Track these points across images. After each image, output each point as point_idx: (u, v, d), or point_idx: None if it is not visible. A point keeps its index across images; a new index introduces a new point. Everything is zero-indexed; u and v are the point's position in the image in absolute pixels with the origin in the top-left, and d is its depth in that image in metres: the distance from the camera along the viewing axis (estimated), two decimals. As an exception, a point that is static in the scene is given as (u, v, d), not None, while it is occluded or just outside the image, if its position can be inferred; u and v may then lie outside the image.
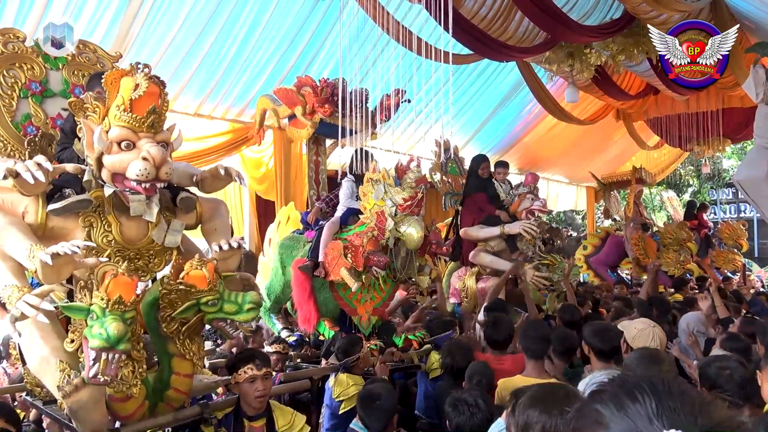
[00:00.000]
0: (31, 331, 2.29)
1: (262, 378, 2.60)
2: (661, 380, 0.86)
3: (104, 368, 1.97)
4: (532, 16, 6.71)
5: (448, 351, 3.43)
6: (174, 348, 2.36)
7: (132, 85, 2.33)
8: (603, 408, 0.85)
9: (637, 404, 0.82)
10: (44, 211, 2.44)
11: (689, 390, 0.85)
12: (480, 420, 2.34)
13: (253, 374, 2.58)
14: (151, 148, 2.30)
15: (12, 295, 2.23)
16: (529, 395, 1.55)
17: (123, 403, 2.29)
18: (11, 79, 2.97)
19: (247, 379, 2.59)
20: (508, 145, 11.93)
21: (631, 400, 0.83)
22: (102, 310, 2.01)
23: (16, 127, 2.98)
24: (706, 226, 11.62)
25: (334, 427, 3.42)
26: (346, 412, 3.30)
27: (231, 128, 7.58)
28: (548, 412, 1.47)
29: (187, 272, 2.29)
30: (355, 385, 3.37)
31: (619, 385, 0.88)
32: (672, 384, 0.85)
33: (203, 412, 2.57)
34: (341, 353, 3.56)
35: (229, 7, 6.35)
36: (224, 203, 3.08)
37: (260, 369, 2.60)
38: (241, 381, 2.60)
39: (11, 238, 2.30)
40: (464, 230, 5.66)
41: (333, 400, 3.39)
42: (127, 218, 2.52)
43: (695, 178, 20.23)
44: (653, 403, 0.81)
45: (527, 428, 1.50)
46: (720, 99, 10.82)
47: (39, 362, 2.32)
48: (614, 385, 0.89)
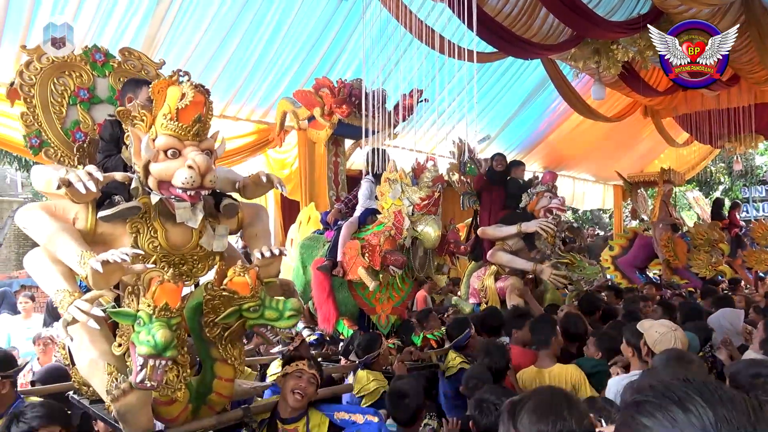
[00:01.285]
0: (81, 334, 2.34)
1: (308, 377, 2.63)
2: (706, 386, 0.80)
3: (151, 374, 2.01)
4: (558, 13, 6.64)
5: (485, 351, 3.35)
6: (216, 353, 2.40)
7: (179, 94, 2.38)
8: (649, 420, 0.79)
9: (689, 414, 0.77)
10: (94, 217, 2.50)
11: (735, 395, 0.80)
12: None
13: (303, 369, 2.63)
14: (196, 157, 2.35)
15: (64, 300, 2.28)
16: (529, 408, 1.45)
17: (168, 407, 2.34)
18: (61, 86, 3.03)
19: (295, 372, 2.63)
20: (532, 144, 11.83)
21: (682, 410, 0.77)
22: (149, 316, 2.05)
23: (66, 133, 3.03)
24: (737, 225, 11.33)
25: (356, 424, 3.45)
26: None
27: (256, 129, 7.68)
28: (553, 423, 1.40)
29: (231, 279, 2.33)
30: (375, 381, 3.39)
31: (665, 393, 0.81)
32: (718, 389, 0.80)
33: (245, 415, 2.62)
34: (361, 350, 3.59)
35: (253, 10, 6.43)
36: (264, 209, 3.14)
37: (311, 368, 2.65)
38: (290, 372, 2.64)
39: (63, 244, 2.36)
40: (482, 229, 5.68)
41: (354, 397, 3.40)
42: (172, 224, 2.57)
43: (726, 176, 19.75)
44: (709, 413, 0.75)
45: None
46: (752, 94, 10.55)
47: (88, 365, 2.38)
48: (658, 393, 0.82)
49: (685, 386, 0.80)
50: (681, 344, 2.86)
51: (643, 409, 0.81)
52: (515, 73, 9.61)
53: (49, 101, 2.99)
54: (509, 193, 5.83)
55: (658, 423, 0.78)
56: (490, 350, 3.33)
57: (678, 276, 9.37)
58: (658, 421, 0.78)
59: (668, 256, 9.20)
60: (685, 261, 9.17)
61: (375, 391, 3.35)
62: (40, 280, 2.53)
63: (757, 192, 19.24)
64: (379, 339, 3.67)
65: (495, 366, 3.21)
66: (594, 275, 5.72)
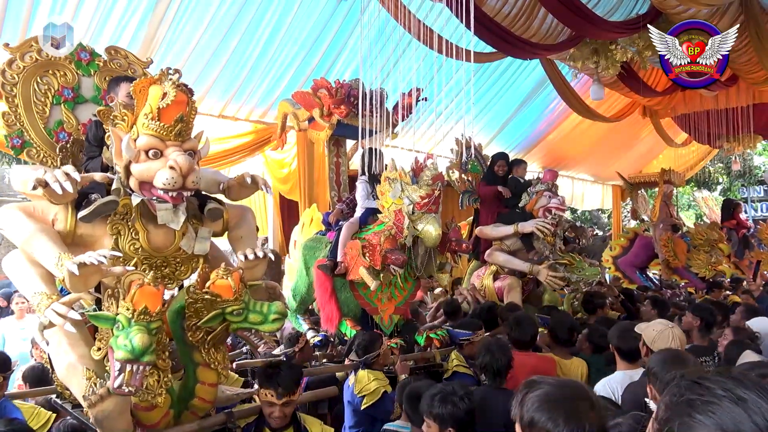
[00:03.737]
0: (59, 338, 2.30)
1: (280, 406, 2.50)
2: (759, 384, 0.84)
3: (129, 379, 1.97)
4: (556, 13, 6.64)
5: (486, 349, 3.27)
6: (199, 357, 2.37)
7: (160, 93, 2.34)
8: (705, 417, 0.82)
9: (760, 400, 0.80)
10: (74, 219, 2.46)
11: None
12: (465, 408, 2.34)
13: (272, 401, 2.51)
14: (178, 157, 2.31)
15: (41, 303, 2.24)
16: (539, 395, 1.45)
17: (148, 412, 2.30)
18: (44, 85, 2.99)
19: (265, 403, 2.55)
20: (531, 144, 11.82)
21: (756, 392, 0.81)
22: (128, 320, 2.01)
23: (49, 133, 2.99)
24: (745, 227, 11.27)
25: (357, 424, 3.44)
26: (368, 408, 3.32)
27: (254, 129, 7.67)
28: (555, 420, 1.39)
29: (213, 281, 2.29)
30: (376, 381, 3.37)
31: (731, 378, 0.85)
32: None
33: (227, 420, 2.58)
34: (361, 350, 3.57)
35: (251, 10, 6.42)
36: (251, 210, 3.09)
37: (280, 398, 2.48)
38: (262, 400, 2.58)
39: (41, 245, 2.32)
40: (479, 229, 5.67)
41: (355, 396, 3.39)
42: (154, 226, 2.53)
43: (725, 176, 19.78)
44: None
45: (531, 426, 1.42)
46: (751, 95, 10.56)
47: (66, 369, 2.33)
48: (722, 378, 0.86)
49: (748, 377, 0.84)
50: (678, 341, 2.87)
51: (698, 405, 0.83)
52: (514, 74, 9.60)
53: (32, 101, 2.95)
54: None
55: (716, 418, 0.81)
56: (491, 348, 3.25)
57: (678, 276, 9.37)
58: (716, 416, 0.81)
59: (668, 256, 9.20)
60: (685, 261, 9.16)
61: (375, 391, 3.34)
62: (18, 282, 2.50)
63: (755, 192, 19.27)
64: (379, 339, 3.66)
65: (496, 364, 3.15)
66: (594, 276, 5.72)
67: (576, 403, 1.43)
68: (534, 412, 1.42)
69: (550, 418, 1.39)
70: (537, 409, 1.42)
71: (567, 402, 1.43)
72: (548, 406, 1.41)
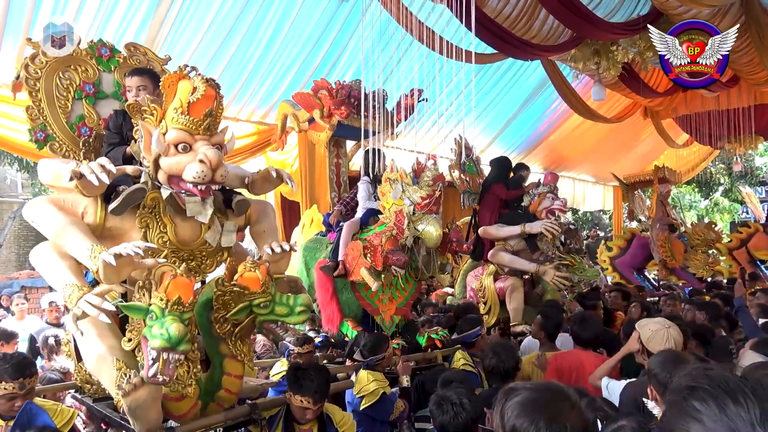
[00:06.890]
0: (88, 329, 2.32)
1: (314, 410, 2.62)
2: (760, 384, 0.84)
3: (163, 368, 1.99)
4: (557, 14, 6.64)
5: (492, 351, 3.26)
6: (226, 349, 2.39)
7: (190, 88, 2.36)
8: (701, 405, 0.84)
9: (739, 407, 0.81)
10: (104, 211, 2.48)
11: None
12: (464, 420, 2.27)
13: (307, 407, 2.60)
14: (207, 151, 2.33)
15: (72, 294, 2.24)
16: (519, 401, 1.43)
17: (177, 403, 2.33)
18: (66, 81, 3.02)
19: (299, 407, 2.62)
20: (532, 145, 11.82)
21: (733, 401, 0.82)
22: (161, 310, 2.04)
23: (71, 128, 3.02)
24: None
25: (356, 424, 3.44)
26: (367, 408, 3.32)
27: (256, 130, 7.69)
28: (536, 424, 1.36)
29: (241, 274, 2.31)
30: (375, 381, 3.38)
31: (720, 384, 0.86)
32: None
33: (252, 412, 2.61)
34: (367, 351, 3.57)
35: (253, 11, 6.43)
36: (271, 205, 3.12)
37: (315, 404, 2.60)
38: (295, 405, 2.63)
39: (72, 238, 2.33)
40: (483, 229, 5.59)
41: (354, 397, 3.40)
42: (182, 219, 2.55)
43: (726, 177, 19.77)
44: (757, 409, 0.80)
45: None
46: (752, 95, 10.55)
47: (96, 360, 2.35)
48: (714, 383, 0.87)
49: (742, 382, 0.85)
50: (675, 341, 2.84)
51: (697, 395, 0.85)
52: (515, 74, 9.61)
53: (55, 95, 2.98)
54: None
55: (707, 407, 0.83)
56: (498, 351, 3.25)
57: (675, 276, 9.38)
58: (708, 406, 0.83)
59: (665, 257, 9.20)
60: (682, 261, 9.16)
61: (374, 392, 3.34)
62: (47, 274, 2.50)
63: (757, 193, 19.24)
64: (386, 341, 3.65)
65: (503, 366, 3.15)
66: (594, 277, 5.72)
67: (556, 405, 1.42)
68: (515, 419, 1.40)
69: (532, 422, 1.38)
70: (518, 416, 1.40)
71: (547, 405, 1.41)
72: (528, 411, 1.39)
